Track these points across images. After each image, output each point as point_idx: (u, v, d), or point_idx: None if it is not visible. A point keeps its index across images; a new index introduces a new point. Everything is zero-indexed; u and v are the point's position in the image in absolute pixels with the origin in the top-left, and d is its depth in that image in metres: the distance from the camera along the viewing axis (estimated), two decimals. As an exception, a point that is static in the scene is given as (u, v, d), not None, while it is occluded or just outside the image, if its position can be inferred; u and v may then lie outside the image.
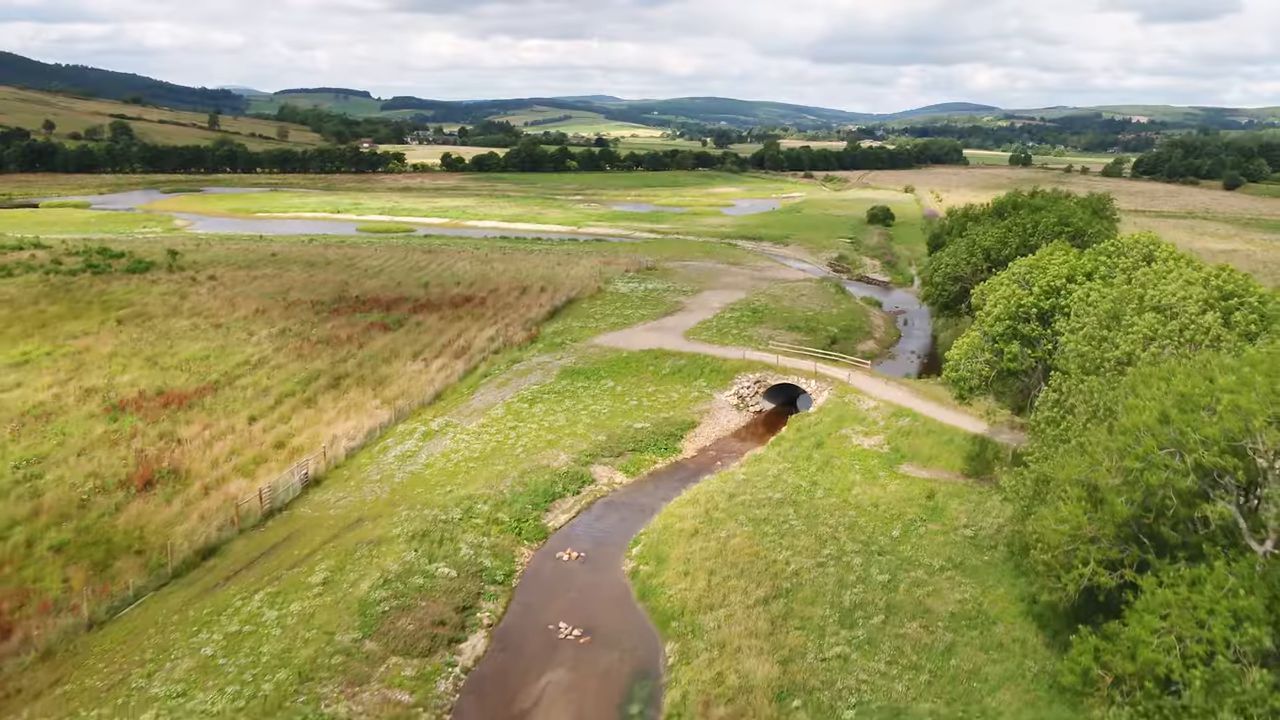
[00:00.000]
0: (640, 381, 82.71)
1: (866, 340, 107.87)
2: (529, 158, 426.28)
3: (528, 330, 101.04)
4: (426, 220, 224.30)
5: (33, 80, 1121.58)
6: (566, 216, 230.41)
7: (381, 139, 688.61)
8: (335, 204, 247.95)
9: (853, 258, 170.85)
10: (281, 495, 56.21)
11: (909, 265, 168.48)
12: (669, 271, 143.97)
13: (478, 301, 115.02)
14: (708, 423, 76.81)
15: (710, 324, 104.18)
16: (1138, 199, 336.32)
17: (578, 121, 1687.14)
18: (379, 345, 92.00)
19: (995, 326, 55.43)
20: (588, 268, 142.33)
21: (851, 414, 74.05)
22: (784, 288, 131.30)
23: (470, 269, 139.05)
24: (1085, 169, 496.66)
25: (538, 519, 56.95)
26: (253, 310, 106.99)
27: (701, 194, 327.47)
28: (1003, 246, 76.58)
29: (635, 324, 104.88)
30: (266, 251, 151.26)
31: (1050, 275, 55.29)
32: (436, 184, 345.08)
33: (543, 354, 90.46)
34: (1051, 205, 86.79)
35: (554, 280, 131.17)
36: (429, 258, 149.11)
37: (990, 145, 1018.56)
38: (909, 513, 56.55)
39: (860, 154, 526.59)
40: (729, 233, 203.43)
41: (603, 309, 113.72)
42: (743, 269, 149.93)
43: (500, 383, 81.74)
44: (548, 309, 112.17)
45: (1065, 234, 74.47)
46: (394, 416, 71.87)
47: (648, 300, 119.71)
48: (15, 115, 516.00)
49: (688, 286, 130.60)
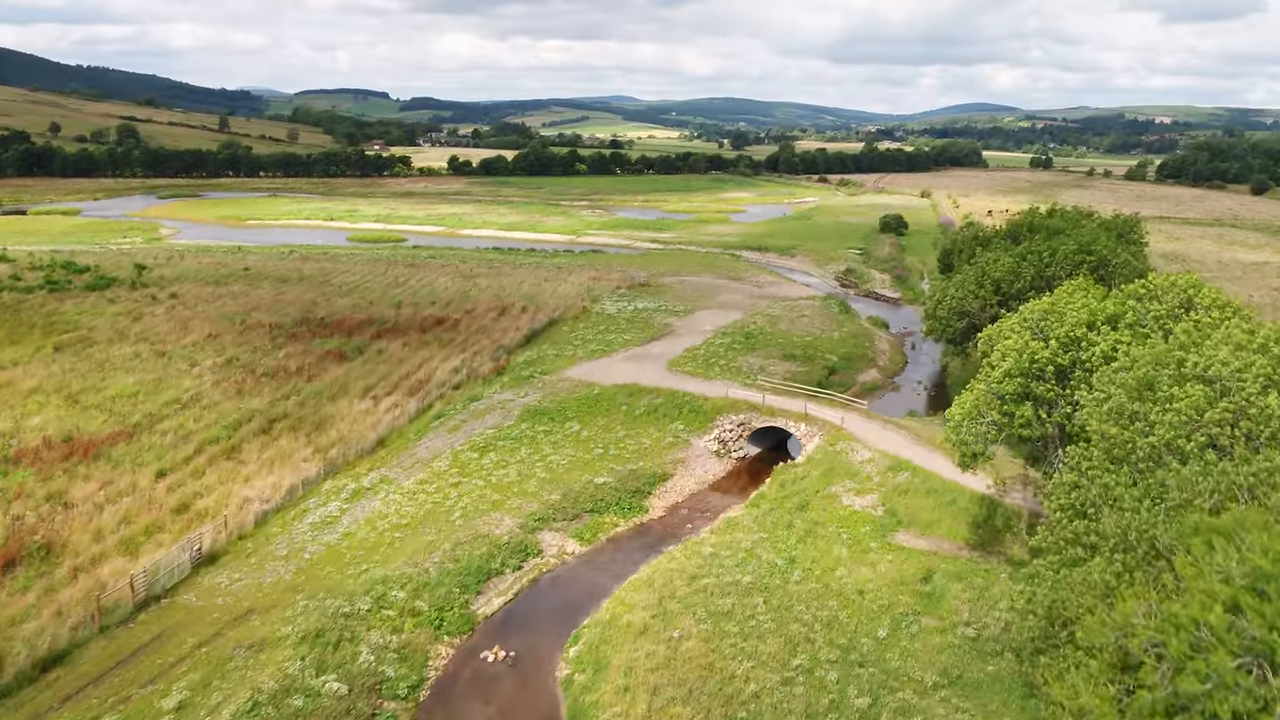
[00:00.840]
0: (610, 424, 74.21)
1: (869, 368, 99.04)
2: (537, 161, 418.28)
3: (496, 360, 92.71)
4: (421, 229, 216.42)
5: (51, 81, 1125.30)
6: (567, 225, 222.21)
7: (393, 141, 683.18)
8: (330, 211, 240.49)
9: (861, 271, 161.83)
10: (164, 579, 47.98)
11: (920, 279, 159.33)
12: (663, 288, 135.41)
13: (450, 325, 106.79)
14: (682, 474, 68.27)
15: (697, 352, 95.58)
16: (1162, 204, 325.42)
17: (595, 122, 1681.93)
18: (330, 379, 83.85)
19: (1004, 384, 46.65)
20: (576, 284, 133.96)
21: (843, 466, 65.37)
22: (784, 307, 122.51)
23: (450, 286, 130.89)
24: (1108, 172, 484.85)
25: (465, 605, 48.61)
26: (205, 335, 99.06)
27: (711, 199, 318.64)
28: (1015, 278, 67.53)
29: (616, 351, 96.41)
30: (240, 265, 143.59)
31: (1069, 324, 46.52)
32: (440, 188, 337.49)
33: (507, 390, 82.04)
34: (1071, 229, 77.62)
35: (537, 299, 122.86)
36: (410, 272, 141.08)
37: (1011, 146, 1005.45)
38: (900, 602, 47.93)
39: (877, 156, 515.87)
40: (733, 243, 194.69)
41: (584, 333, 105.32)
42: (742, 284, 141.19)
43: (453, 426, 73.39)
44: (524, 333, 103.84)
45: (1087, 264, 65.54)
46: (324, 470, 63.62)
47: (635, 322, 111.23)
48: (22, 117, 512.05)
49: (680, 306, 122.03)
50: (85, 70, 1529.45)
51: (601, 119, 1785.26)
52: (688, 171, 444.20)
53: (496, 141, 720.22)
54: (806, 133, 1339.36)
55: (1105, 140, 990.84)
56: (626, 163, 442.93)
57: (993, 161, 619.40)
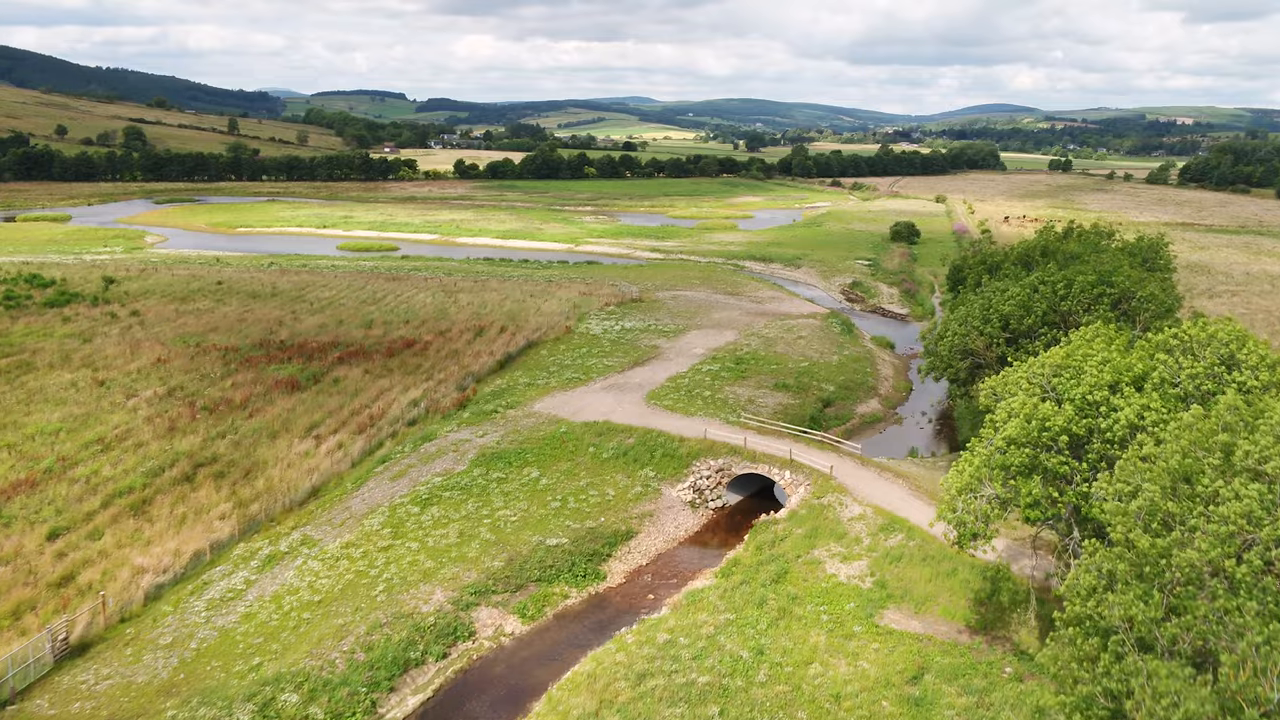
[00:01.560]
0: (573, 470, 66.72)
1: (869, 398, 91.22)
2: (545, 164, 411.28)
3: (462, 389, 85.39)
4: (415, 236, 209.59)
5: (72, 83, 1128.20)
6: (566, 232, 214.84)
7: (405, 143, 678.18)
8: (324, 218, 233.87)
9: (868, 285, 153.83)
10: (14, 678, 40.74)
11: (931, 293, 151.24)
12: (655, 304, 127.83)
13: (420, 347, 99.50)
14: (649, 531, 60.72)
15: (681, 381, 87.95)
16: (1185, 209, 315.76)
17: (611, 124, 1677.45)
18: (275, 413, 76.67)
19: (1009, 455, 38.91)
20: (563, 300, 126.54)
21: (829, 525, 57.72)
22: (781, 327, 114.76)
23: (430, 302, 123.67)
24: (1128, 175, 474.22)
25: (371, 708, 41.29)
26: (154, 360, 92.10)
27: (719, 205, 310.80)
28: (1025, 313, 59.52)
29: (594, 380, 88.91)
30: (215, 278, 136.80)
31: (1087, 384, 38.75)
32: (444, 193, 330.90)
33: (465, 427, 74.60)
34: (1089, 254, 69.33)
35: (519, 318, 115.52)
36: (390, 287, 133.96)
37: (1030, 148, 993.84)
38: (883, 710, 40.26)
39: (892, 159, 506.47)
40: (737, 252, 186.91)
41: (563, 357, 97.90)
42: (740, 300, 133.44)
43: (398, 471, 66.03)
44: (499, 357, 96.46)
45: (1107, 298, 57.61)
46: (240, 529, 56.35)
47: (620, 345, 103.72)
48: (29, 119, 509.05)
49: (671, 325, 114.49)
50: (106, 72, 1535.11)
51: (618, 120, 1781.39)
52: (699, 175, 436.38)
53: (509, 143, 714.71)
54: (824, 134, 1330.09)
55: (1126, 142, 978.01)
56: (636, 166, 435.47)
57: (1011, 164, 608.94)
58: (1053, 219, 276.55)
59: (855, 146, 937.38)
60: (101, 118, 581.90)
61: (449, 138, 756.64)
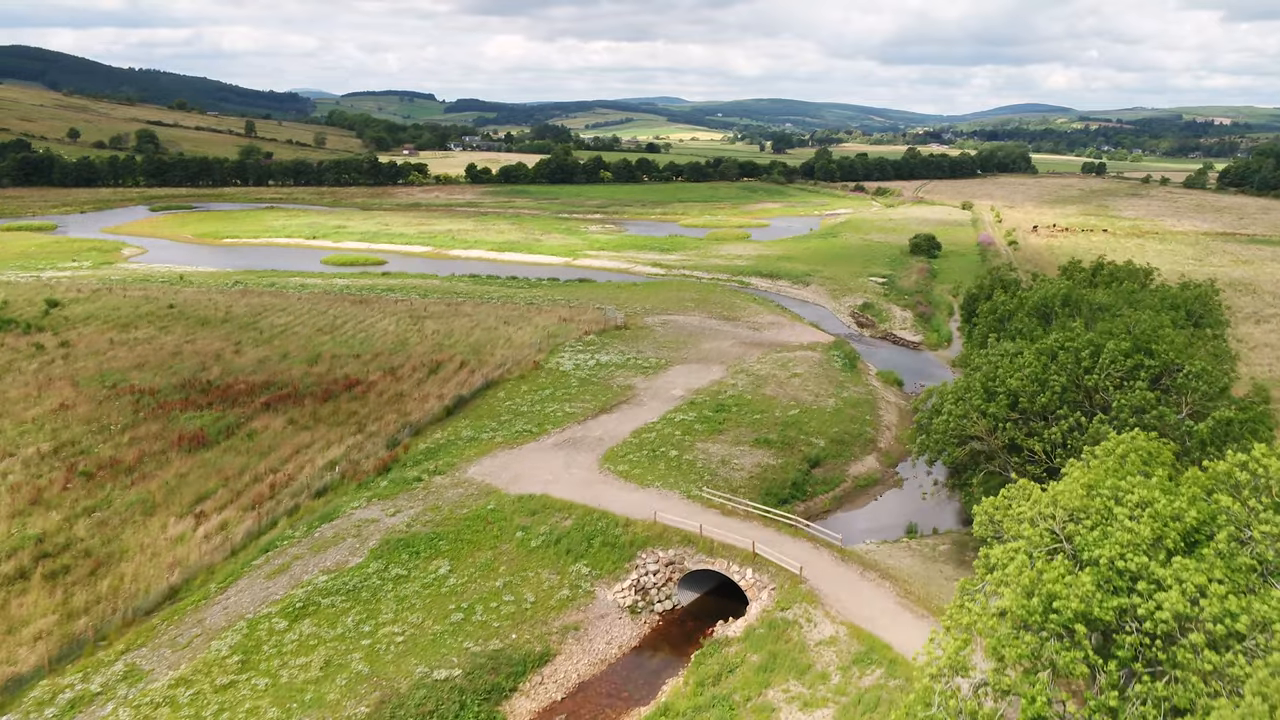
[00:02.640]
0: (492, 563, 55.32)
1: (866, 454, 79.28)
2: (560, 168, 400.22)
3: (394, 446, 74.31)
4: (407, 249, 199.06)
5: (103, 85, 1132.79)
6: (566, 245, 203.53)
7: (424, 145, 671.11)
8: (317, 227, 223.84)
9: (879, 307, 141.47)
10: None
11: (948, 316, 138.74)
12: (641, 332, 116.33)
13: (363, 389, 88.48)
14: (573, 650, 49.27)
15: (648, 436, 76.45)
16: (1225, 216, 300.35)
17: (639, 124, 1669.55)
18: (163, 480, 65.84)
19: (1008, 646, 27.11)
20: (539, 328, 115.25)
21: (791, 653, 46.10)
22: (776, 361, 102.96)
23: (391, 331, 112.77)
24: (1165, 178, 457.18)
25: None
26: (56, 405, 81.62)
27: (734, 213, 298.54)
28: (1040, 389, 47.32)
29: (548, 433, 77.58)
30: (170, 300, 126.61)
31: (1116, 544, 26.92)
32: (451, 199, 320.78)
33: (377, 501, 63.28)
34: (1123, 304, 56.79)
35: (484, 350, 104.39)
36: (355, 311, 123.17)
37: (1064, 148, 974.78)
38: None
39: (919, 162, 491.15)
40: (744, 267, 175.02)
41: (521, 401, 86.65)
42: (736, 327, 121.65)
43: (280, 565, 54.84)
44: (448, 402, 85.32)
45: (1144, 374, 45.44)
46: (53, 656, 45.35)
47: (589, 384, 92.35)
48: (43, 123, 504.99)
49: (653, 358, 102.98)
50: (137, 73, 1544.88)
51: (646, 121, 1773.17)
52: (718, 179, 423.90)
53: (531, 145, 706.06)
54: (852, 135, 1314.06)
55: (1162, 143, 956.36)
56: (654, 170, 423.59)
57: (1042, 166, 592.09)
58: (1084, 227, 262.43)
59: (884, 148, 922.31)
60: (119, 120, 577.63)
61: (470, 140, 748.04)
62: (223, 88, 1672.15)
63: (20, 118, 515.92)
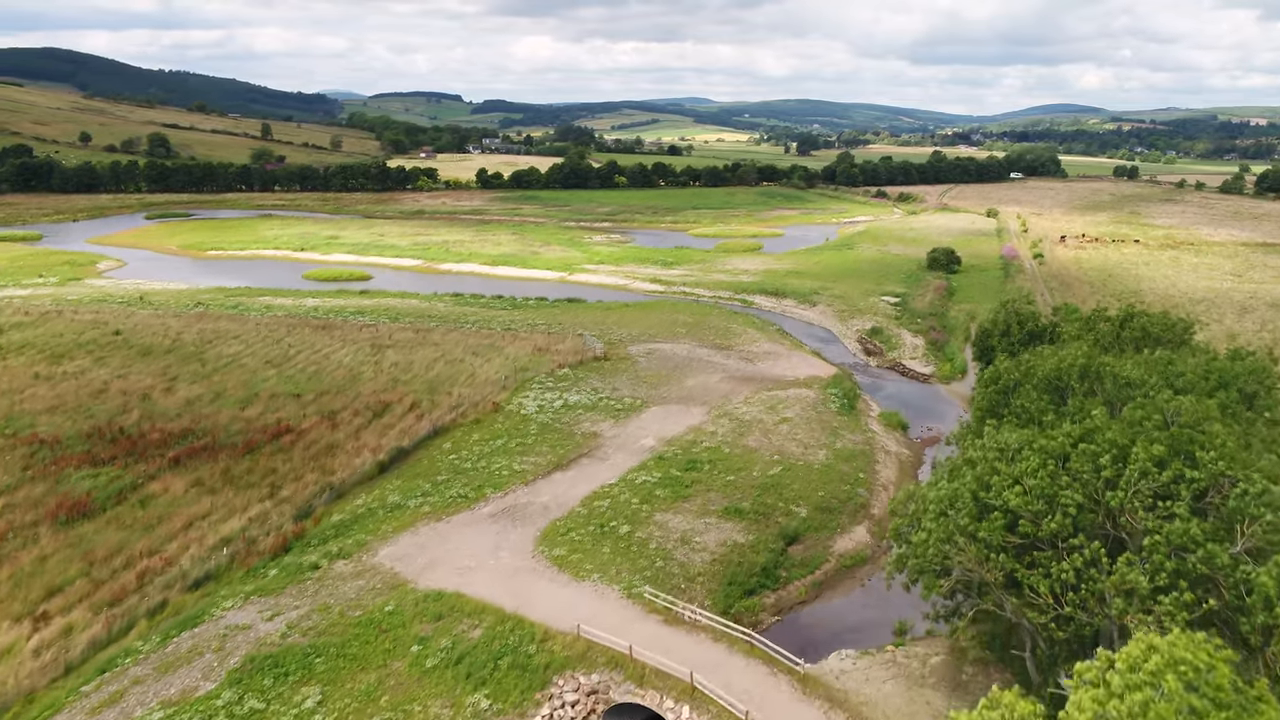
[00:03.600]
0: (374, 690, 45.09)
1: (855, 524, 68.57)
2: (574, 173, 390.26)
3: (304, 517, 64.36)
4: (396, 262, 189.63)
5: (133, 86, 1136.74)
6: (563, 259, 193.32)
7: (443, 147, 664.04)
8: (308, 238, 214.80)
9: (888, 333, 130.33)
10: None
11: (965, 341, 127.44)
12: (621, 364, 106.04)
13: (292, 439, 78.64)
14: (452, 820, 38.96)
15: (600, 506, 66.16)
16: (1265, 225, 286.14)
17: (664, 125, 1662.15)
18: (16, 567, 56.17)
19: None
20: (509, 360, 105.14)
21: (721, 843, 35.61)
22: (765, 402, 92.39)
23: (346, 363, 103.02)
24: (1200, 183, 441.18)
25: None
26: (-61, 460, 72.31)
27: (748, 221, 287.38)
28: (1047, 509, 36.01)
29: (486, 499, 67.47)
30: (119, 325, 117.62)
31: None
32: (457, 205, 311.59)
33: (257, 599, 53.18)
34: (1158, 377, 45.17)
35: (443, 388, 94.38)
36: (315, 338, 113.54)
37: (1095, 150, 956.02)
38: None
39: (945, 166, 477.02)
40: (749, 284, 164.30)
41: (466, 456, 76.56)
42: (728, 358, 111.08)
43: (113, 694, 44.85)
44: (383, 456, 75.39)
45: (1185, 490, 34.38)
46: None
47: (549, 432, 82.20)
48: (57, 126, 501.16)
49: (628, 398, 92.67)
50: (167, 75, 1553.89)
51: (672, 122, 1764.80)
52: (736, 184, 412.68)
53: (550, 148, 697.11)
54: (880, 136, 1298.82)
55: (1197, 144, 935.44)
56: (670, 175, 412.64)
57: (1072, 169, 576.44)
58: (1115, 236, 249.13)
59: (911, 149, 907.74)
60: (135, 123, 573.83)
61: (490, 142, 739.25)
62: (251, 89, 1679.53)
63: (35, 121, 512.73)
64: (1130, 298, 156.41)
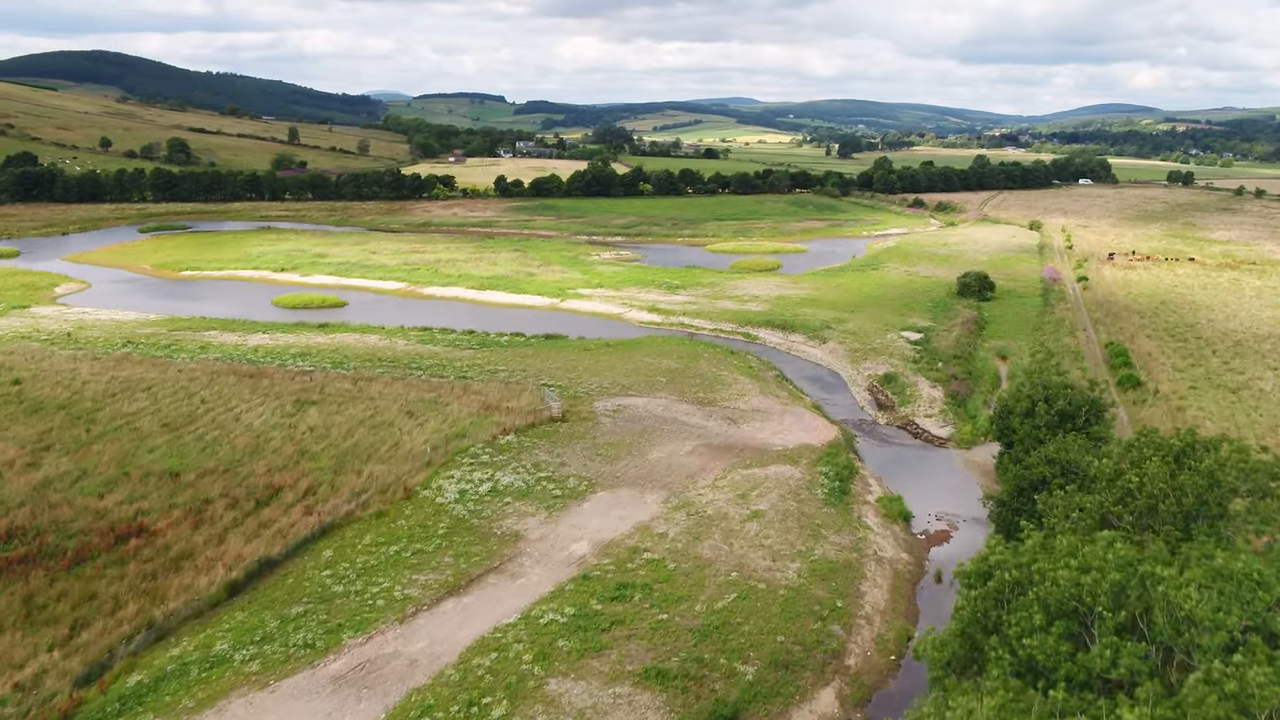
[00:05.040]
0: None
1: (822, 684, 52.36)
2: (595, 180, 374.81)
3: (87, 682, 49.36)
4: (379, 285, 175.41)
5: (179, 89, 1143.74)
6: (559, 282, 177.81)
7: (473, 151, 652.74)
8: (295, 256, 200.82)
9: (904, 380, 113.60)
10: None
11: (990, 392, 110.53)
12: (580, 426, 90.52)
13: (141, 542, 63.86)
14: None
15: (482, 664, 50.65)
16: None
17: (707, 126, 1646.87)
18: None
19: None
20: (448, 422, 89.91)
21: None
22: (738, 485, 76.52)
23: (258, 425, 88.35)
24: (1260, 191, 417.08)
25: None
26: None
27: (772, 235, 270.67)
28: None
29: (340, 649, 52.21)
30: (19, 374, 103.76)
31: None
32: (468, 216, 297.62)
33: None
34: (1242, 609, 28.73)
35: (355, 463, 79.36)
36: (235, 391, 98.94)
37: (1149, 152, 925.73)
38: None
39: (988, 172, 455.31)
40: (756, 314, 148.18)
41: (344, 571, 61.38)
42: (708, 419, 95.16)
43: None
44: (243, 569, 60.40)
45: None
46: None
47: (461, 531, 66.94)
48: (79, 131, 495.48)
49: (573, 478, 77.17)
50: (214, 77, 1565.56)
51: (714, 123, 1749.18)
52: (767, 191, 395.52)
53: (583, 151, 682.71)
54: (925, 138, 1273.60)
55: (1255, 146, 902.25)
56: (699, 182, 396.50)
57: (1123, 174, 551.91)
58: (1168, 253, 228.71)
59: (955, 152, 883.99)
60: (162, 127, 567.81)
61: (523, 145, 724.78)
62: (295, 90, 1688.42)
63: (59, 126, 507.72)
64: (1185, 332, 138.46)
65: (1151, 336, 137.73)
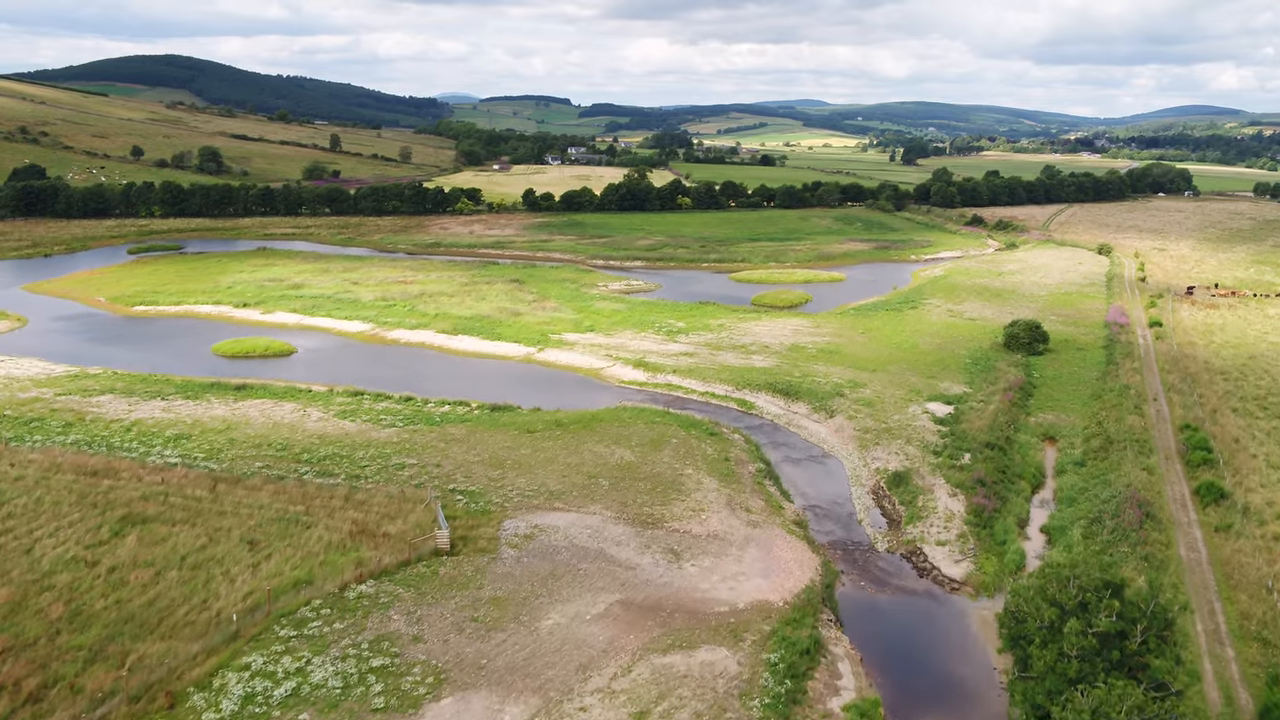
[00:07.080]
0: None
1: None
2: (631, 194, 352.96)
3: None
4: (343, 326, 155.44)
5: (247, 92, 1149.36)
6: (544, 325, 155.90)
7: (520, 158, 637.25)
8: (265, 290, 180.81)
9: (918, 483, 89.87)
10: None
11: (1026, 502, 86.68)
12: (467, 566, 68.67)
13: None
14: None
15: None
16: None
17: (772, 129, 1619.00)
18: None
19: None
20: (301, 553, 68.63)
21: None
22: (638, 698, 54.20)
23: (46, 562, 67.80)
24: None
25: None
26: None
27: (809, 256, 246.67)
28: None
29: None
30: None
31: None
32: (483, 235, 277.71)
33: None
34: None
35: (126, 640, 58.31)
36: (67, 494, 78.66)
37: (1233, 158, 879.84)
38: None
39: (1056, 184, 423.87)
40: (759, 373, 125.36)
41: None
42: (644, 554, 72.74)
43: None
44: None
45: None
46: None
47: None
48: (114, 139, 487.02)
49: (416, 673, 55.45)
50: (284, 80, 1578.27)
51: (780, 125, 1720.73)
52: (815, 205, 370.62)
53: (633, 158, 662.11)
54: (995, 142, 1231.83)
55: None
56: (741, 195, 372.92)
57: (1205, 183, 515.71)
58: (1256, 286, 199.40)
59: (1026, 157, 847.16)
60: (205, 134, 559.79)
61: (574, 152, 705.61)
62: (363, 93, 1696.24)
63: (95, 134, 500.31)
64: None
65: (1238, 411, 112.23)
